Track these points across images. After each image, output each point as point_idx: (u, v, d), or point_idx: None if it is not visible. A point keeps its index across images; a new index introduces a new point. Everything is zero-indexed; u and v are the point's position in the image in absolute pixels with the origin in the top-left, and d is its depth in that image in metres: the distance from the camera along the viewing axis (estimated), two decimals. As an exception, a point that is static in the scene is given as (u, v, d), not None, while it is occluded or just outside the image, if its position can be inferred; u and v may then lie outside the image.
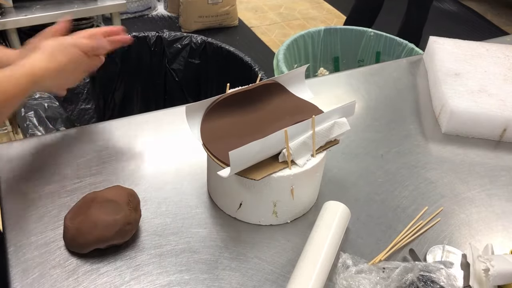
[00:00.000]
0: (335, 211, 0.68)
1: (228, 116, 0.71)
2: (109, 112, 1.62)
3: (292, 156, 0.65)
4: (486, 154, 0.90)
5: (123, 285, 0.61)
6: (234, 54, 1.56)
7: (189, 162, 0.81)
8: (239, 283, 0.62)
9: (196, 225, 0.70)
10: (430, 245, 0.69)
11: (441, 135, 0.95)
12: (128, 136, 0.85)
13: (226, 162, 0.63)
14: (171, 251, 0.66)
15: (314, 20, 3.37)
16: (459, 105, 0.92)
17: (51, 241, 0.65)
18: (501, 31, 3.41)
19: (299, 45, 1.89)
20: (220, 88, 1.63)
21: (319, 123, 0.68)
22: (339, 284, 0.60)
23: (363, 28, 1.97)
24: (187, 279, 0.62)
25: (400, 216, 0.75)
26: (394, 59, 1.35)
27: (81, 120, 1.47)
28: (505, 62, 1.08)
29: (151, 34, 1.58)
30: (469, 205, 0.78)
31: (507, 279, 0.61)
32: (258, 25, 3.24)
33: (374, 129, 0.94)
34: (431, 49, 1.15)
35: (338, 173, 0.82)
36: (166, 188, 0.75)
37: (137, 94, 1.68)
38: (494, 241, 0.72)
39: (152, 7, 3.17)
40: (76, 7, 1.90)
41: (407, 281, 0.59)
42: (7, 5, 1.79)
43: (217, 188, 0.72)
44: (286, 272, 0.64)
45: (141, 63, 1.61)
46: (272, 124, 0.70)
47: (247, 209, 0.69)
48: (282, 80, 0.78)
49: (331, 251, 0.64)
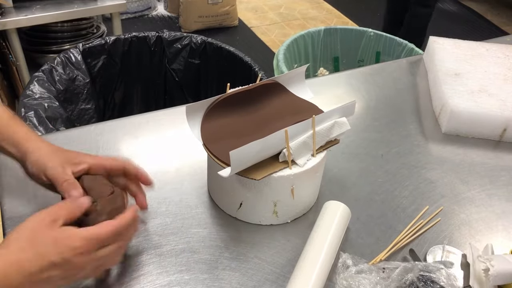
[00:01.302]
0: (336, 211, 0.68)
1: (228, 116, 0.71)
2: (109, 112, 1.62)
3: (293, 156, 0.65)
4: (486, 154, 0.90)
5: (123, 285, 0.61)
6: (234, 54, 1.56)
7: (189, 162, 0.81)
8: (239, 283, 0.62)
9: (196, 225, 0.70)
10: (430, 245, 0.69)
11: (441, 135, 0.95)
12: (128, 136, 0.85)
13: (227, 162, 0.63)
14: (171, 251, 0.66)
15: (314, 20, 3.37)
16: (459, 105, 0.92)
17: (51, 241, 0.65)
18: (501, 31, 3.41)
19: (299, 45, 1.89)
20: (220, 88, 1.63)
21: (320, 122, 0.68)
22: (339, 284, 0.60)
23: (363, 28, 1.97)
24: (187, 279, 0.62)
25: (400, 216, 0.75)
26: (394, 59, 1.35)
27: (81, 120, 1.47)
28: (505, 62, 1.08)
29: (151, 34, 1.58)
30: (469, 205, 0.78)
31: (507, 279, 0.61)
32: (258, 25, 3.24)
33: (374, 129, 0.94)
34: (431, 49, 1.15)
35: (338, 173, 0.82)
36: (166, 188, 0.75)
37: (137, 94, 1.68)
38: (494, 241, 0.72)
39: (152, 7, 3.17)
40: (76, 7, 1.90)
41: (407, 281, 0.59)
42: (7, 5, 1.79)
43: (218, 188, 0.72)
44: (286, 272, 0.64)
45: (141, 63, 1.61)
46: (272, 124, 0.70)
47: (248, 209, 0.69)
48: (282, 80, 0.78)
49: (331, 251, 0.64)
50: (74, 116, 1.44)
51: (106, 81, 1.56)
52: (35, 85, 1.30)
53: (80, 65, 1.46)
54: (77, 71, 1.45)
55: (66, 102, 1.41)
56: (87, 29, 2.10)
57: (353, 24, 3.33)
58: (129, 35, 1.55)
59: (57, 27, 1.98)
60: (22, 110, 1.21)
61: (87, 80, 1.47)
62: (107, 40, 1.52)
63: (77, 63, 1.45)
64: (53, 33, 2.00)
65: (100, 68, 1.52)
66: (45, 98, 1.28)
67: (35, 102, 1.25)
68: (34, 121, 1.18)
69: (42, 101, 1.26)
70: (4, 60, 1.99)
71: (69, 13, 1.90)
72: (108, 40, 1.52)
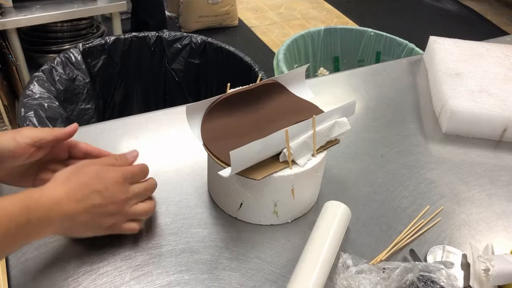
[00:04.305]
0: (336, 211, 0.68)
1: (228, 116, 0.71)
2: (109, 112, 1.62)
3: (293, 155, 0.65)
4: (486, 154, 0.90)
5: (123, 285, 0.61)
6: (234, 54, 1.56)
7: (189, 162, 0.81)
8: (239, 283, 0.62)
9: (196, 225, 0.70)
10: (430, 245, 0.69)
11: (441, 135, 0.94)
12: (128, 136, 0.85)
13: (227, 162, 0.62)
14: (171, 251, 0.66)
15: (314, 20, 3.37)
16: (459, 105, 0.92)
17: (51, 241, 0.65)
18: (501, 31, 3.41)
19: (299, 45, 1.89)
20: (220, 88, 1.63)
21: (320, 122, 0.68)
22: (339, 284, 0.60)
23: (363, 28, 1.97)
24: (187, 279, 0.62)
25: (400, 216, 0.75)
26: (394, 59, 1.35)
27: (81, 120, 1.47)
28: (505, 62, 1.08)
29: (151, 34, 1.58)
30: (469, 205, 0.78)
31: (507, 279, 0.61)
32: (258, 25, 3.24)
33: (374, 129, 0.94)
34: (431, 49, 1.15)
35: (338, 173, 0.82)
36: (166, 188, 0.75)
37: (137, 94, 1.68)
38: (494, 241, 0.72)
39: (152, 7, 3.17)
40: (76, 7, 1.91)
41: (407, 281, 0.59)
42: (7, 5, 1.80)
43: (218, 188, 0.72)
44: (286, 272, 0.64)
45: (141, 63, 1.61)
46: (272, 124, 0.70)
47: (248, 209, 0.69)
48: (282, 80, 0.78)
49: (332, 251, 0.64)
50: (74, 116, 1.44)
51: (106, 81, 1.56)
52: (35, 85, 1.30)
53: (80, 65, 1.46)
54: (77, 71, 1.45)
55: (66, 102, 1.41)
56: (87, 29, 2.10)
57: (353, 24, 3.33)
58: (129, 35, 1.55)
59: (57, 27, 1.99)
60: (22, 110, 1.21)
61: (87, 80, 1.47)
62: (107, 40, 1.52)
63: (77, 63, 1.45)
64: (53, 33, 2.00)
65: (100, 68, 1.52)
66: (45, 98, 1.28)
67: (35, 102, 1.25)
68: (34, 121, 1.18)
69: (42, 101, 1.26)
70: (4, 60, 1.99)
71: (69, 13, 1.90)
72: (108, 40, 1.52)
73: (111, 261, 0.63)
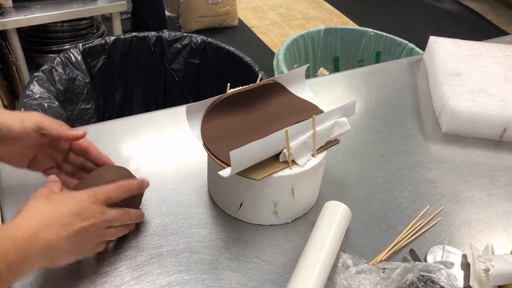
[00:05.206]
0: (336, 211, 0.68)
1: (228, 116, 0.71)
2: (109, 112, 1.62)
3: (293, 156, 0.65)
4: (486, 154, 0.90)
5: (123, 285, 0.61)
6: (234, 54, 1.56)
7: (189, 162, 0.81)
8: (239, 283, 0.62)
9: (196, 225, 0.70)
10: (430, 245, 0.69)
11: (441, 135, 0.94)
12: (128, 136, 0.85)
13: (227, 162, 0.62)
14: (171, 251, 0.66)
15: (314, 20, 3.37)
16: (459, 105, 0.92)
17: (51, 241, 0.65)
18: (501, 31, 3.41)
19: (299, 45, 1.89)
20: (220, 88, 1.63)
21: (320, 122, 0.68)
22: (339, 284, 0.60)
23: (363, 28, 1.97)
24: (187, 279, 0.62)
25: (400, 216, 0.75)
26: (394, 59, 1.35)
27: (81, 120, 1.47)
28: (505, 62, 1.08)
29: (151, 34, 1.58)
30: (469, 205, 0.78)
31: (507, 279, 0.61)
32: (258, 25, 3.24)
33: (374, 129, 0.94)
34: (431, 49, 1.15)
35: (338, 173, 0.82)
36: (166, 188, 0.75)
37: (137, 94, 1.68)
38: (494, 241, 0.72)
39: (152, 7, 3.17)
40: (76, 7, 1.91)
41: (407, 281, 0.59)
42: (7, 5, 1.80)
43: (218, 188, 0.72)
44: (286, 272, 0.64)
45: (141, 63, 1.61)
46: (272, 124, 0.70)
47: (248, 209, 0.69)
48: (282, 80, 0.78)
49: (332, 251, 0.64)
50: (74, 116, 1.44)
51: (106, 81, 1.56)
52: (35, 85, 1.30)
53: (80, 65, 1.45)
54: (77, 71, 1.45)
55: (66, 102, 1.41)
56: (87, 29, 2.10)
57: (353, 24, 3.33)
58: (129, 35, 1.55)
59: (57, 27, 1.98)
60: (22, 110, 1.21)
61: (87, 80, 1.47)
62: (107, 40, 1.52)
63: (77, 63, 1.45)
64: (53, 33, 2.00)
65: (100, 68, 1.52)
66: (45, 98, 1.28)
67: (35, 102, 1.25)
68: (34, 121, 1.18)
69: (42, 101, 1.26)
70: (4, 60, 1.99)
71: (69, 13, 1.90)
72: (108, 40, 1.52)
73: (111, 261, 0.63)
